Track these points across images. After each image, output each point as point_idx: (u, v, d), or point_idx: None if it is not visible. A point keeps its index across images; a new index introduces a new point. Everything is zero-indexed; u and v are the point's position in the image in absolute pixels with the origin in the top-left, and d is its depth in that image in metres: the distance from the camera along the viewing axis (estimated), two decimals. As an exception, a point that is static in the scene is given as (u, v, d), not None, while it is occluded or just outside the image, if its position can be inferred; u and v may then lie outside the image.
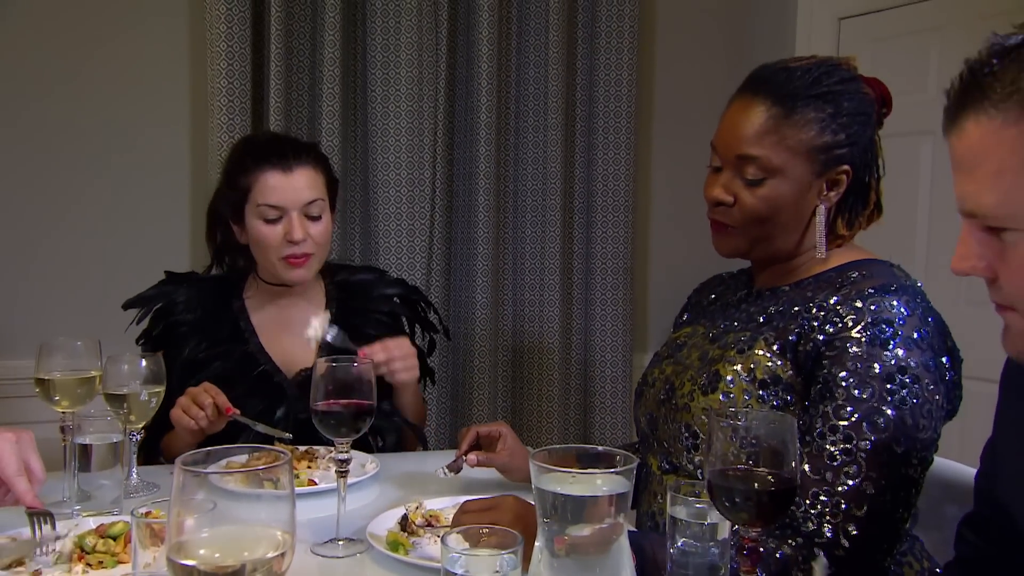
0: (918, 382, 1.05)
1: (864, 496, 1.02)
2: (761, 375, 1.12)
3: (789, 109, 1.14)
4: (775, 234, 1.20)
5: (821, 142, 1.15)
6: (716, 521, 0.86)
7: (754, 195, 1.17)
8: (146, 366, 1.34)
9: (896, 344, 1.05)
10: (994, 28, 2.61)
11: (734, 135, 1.17)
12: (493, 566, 0.76)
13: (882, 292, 1.09)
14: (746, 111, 1.16)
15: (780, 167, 1.15)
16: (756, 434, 0.80)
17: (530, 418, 2.69)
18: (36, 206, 2.27)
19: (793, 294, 1.19)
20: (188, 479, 0.65)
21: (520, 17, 2.63)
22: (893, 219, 2.47)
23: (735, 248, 1.23)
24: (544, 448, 0.74)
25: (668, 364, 1.30)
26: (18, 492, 1.06)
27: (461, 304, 2.63)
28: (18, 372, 1.88)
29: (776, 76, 1.17)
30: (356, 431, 1.16)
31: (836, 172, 1.17)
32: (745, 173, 1.16)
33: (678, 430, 1.19)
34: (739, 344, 1.17)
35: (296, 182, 1.56)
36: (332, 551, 1.14)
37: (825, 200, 1.18)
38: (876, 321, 1.06)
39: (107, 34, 2.32)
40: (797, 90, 1.15)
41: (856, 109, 1.17)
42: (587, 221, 2.72)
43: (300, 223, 1.56)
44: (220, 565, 0.63)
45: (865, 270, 1.16)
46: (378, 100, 2.51)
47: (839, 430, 1.04)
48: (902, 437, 1.04)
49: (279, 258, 1.58)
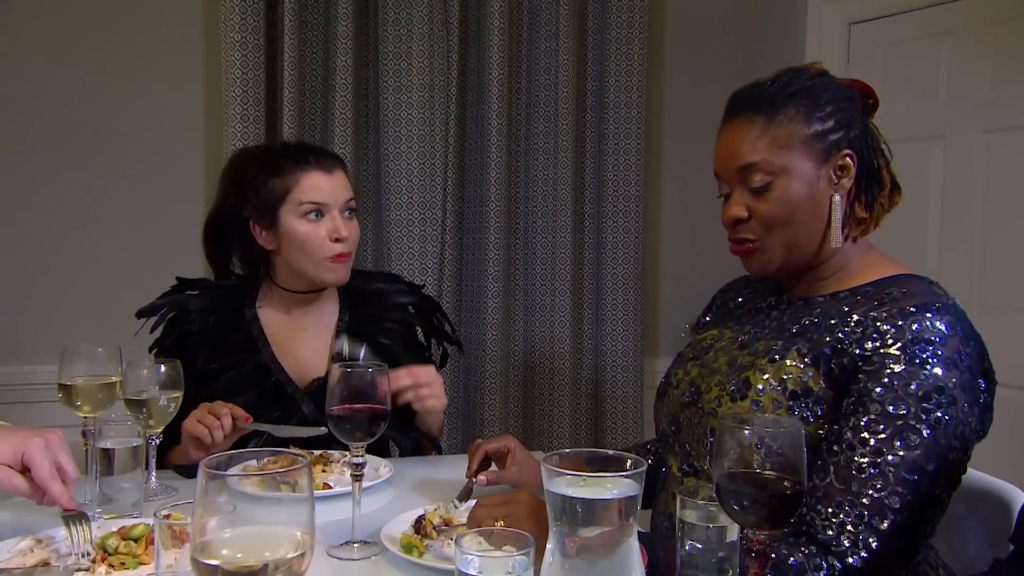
0: (954, 403, 1.04)
1: (888, 510, 1.02)
2: (793, 386, 1.12)
3: (771, 113, 1.17)
4: (799, 236, 1.19)
5: (812, 131, 1.17)
6: (725, 524, 0.87)
7: (767, 201, 1.17)
8: (165, 371, 1.36)
9: (935, 364, 1.05)
10: (1005, 33, 2.62)
11: (729, 154, 1.20)
12: (506, 567, 0.78)
13: (924, 311, 1.08)
14: (733, 131, 1.20)
15: (782, 166, 1.16)
16: (764, 438, 0.81)
17: (541, 423, 2.71)
18: (53, 214, 2.31)
19: (828, 306, 1.18)
20: (211, 482, 0.67)
21: (531, 24, 2.65)
22: (904, 223, 2.48)
23: (767, 264, 1.22)
24: (555, 452, 0.75)
25: (693, 366, 1.29)
26: (54, 495, 1.08)
27: (473, 310, 2.65)
28: (40, 378, 1.92)
29: (749, 92, 1.21)
30: (371, 435, 1.17)
31: (839, 157, 1.18)
32: (751, 183, 1.18)
33: (703, 434, 1.19)
34: (771, 353, 1.16)
35: (336, 181, 1.61)
36: (347, 553, 1.16)
37: (838, 188, 1.18)
38: (917, 340, 1.06)
39: (122, 43, 2.35)
40: (772, 95, 1.18)
41: (835, 96, 1.19)
42: (597, 227, 2.73)
43: (343, 221, 1.60)
44: (243, 564, 0.65)
45: (905, 287, 1.15)
46: (390, 107, 2.54)
47: (869, 443, 1.03)
48: (934, 456, 1.03)
49: (324, 257, 1.59)
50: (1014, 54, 2.24)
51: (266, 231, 1.62)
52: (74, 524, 1.08)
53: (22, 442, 1.08)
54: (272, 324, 1.67)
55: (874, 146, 1.21)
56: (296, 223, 1.59)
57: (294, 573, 0.66)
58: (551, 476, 0.73)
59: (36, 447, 1.08)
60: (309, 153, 1.63)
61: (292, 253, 1.61)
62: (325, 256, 1.59)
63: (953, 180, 2.38)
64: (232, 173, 1.68)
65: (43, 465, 1.07)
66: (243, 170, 1.66)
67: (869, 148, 1.20)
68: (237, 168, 1.68)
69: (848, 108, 1.19)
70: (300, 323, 1.68)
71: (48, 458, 1.09)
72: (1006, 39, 2.26)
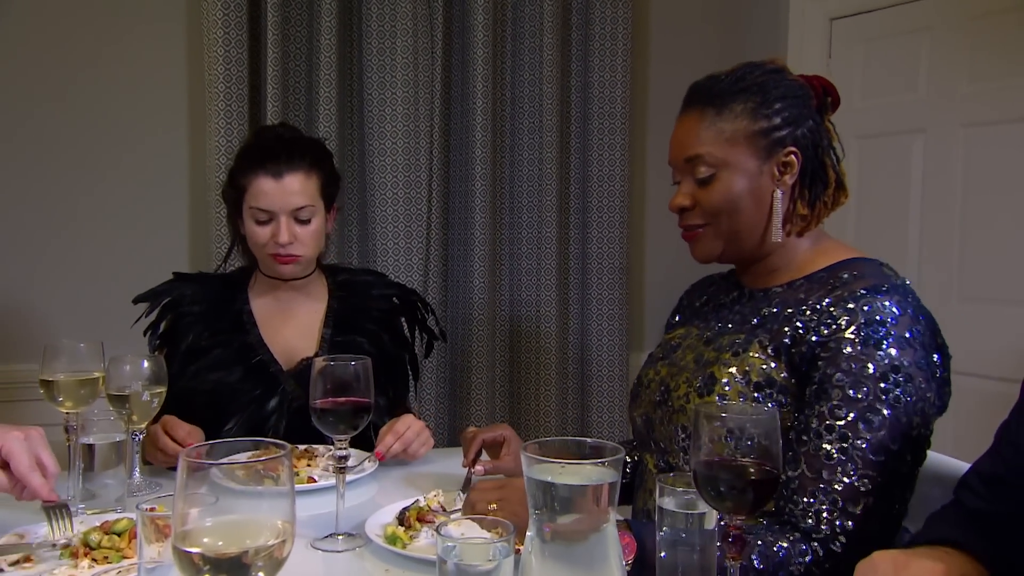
0: (911, 381, 1.07)
1: (860, 493, 1.04)
2: (756, 377, 1.14)
3: (720, 106, 1.21)
4: (741, 228, 1.22)
5: (757, 127, 1.20)
6: (703, 511, 0.88)
7: (710, 191, 1.22)
8: (148, 367, 1.37)
9: (889, 344, 1.07)
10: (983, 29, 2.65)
11: (679, 144, 1.25)
12: (487, 555, 0.79)
13: (874, 292, 1.11)
14: (685, 122, 1.25)
15: (725, 159, 1.20)
16: (740, 426, 0.83)
17: (528, 417, 2.72)
18: (37, 212, 2.30)
19: (786, 295, 1.21)
20: (192, 472, 0.67)
21: (515, 19, 2.66)
22: (886, 216, 2.51)
23: (710, 251, 1.26)
24: (536, 440, 0.76)
25: (663, 365, 1.32)
26: (34, 487, 1.08)
27: (458, 304, 2.66)
28: (25, 376, 1.90)
29: (704, 85, 1.25)
30: (354, 428, 1.18)
31: (783, 154, 1.20)
32: (697, 174, 1.22)
33: (674, 432, 1.21)
34: (734, 347, 1.19)
35: (286, 188, 1.61)
36: (332, 545, 1.16)
37: (780, 185, 1.21)
38: (869, 321, 1.09)
39: (104, 40, 2.34)
40: (722, 89, 1.22)
41: (785, 94, 1.21)
42: (583, 221, 2.74)
43: (288, 226, 1.62)
44: (224, 552, 0.66)
45: (856, 270, 1.17)
46: (374, 103, 2.54)
47: (835, 429, 1.06)
48: (897, 435, 1.06)
49: (267, 255, 1.65)
50: (992, 49, 2.26)
51: (240, 220, 1.69)
52: (55, 514, 1.09)
53: (1, 436, 1.09)
54: (261, 307, 1.72)
55: (823, 144, 1.24)
56: (248, 222, 1.65)
57: (275, 560, 0.67)
58: (530, 463, 0.74)
59: (15, 440, 1.09)
60: (266, 156, 1.63)
61: (251, 247, 1.69)
62: (268, 253, 1.64)
63: (933, 174, 2.40)
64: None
65: (22, 458, 1.08)
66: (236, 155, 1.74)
67: (817, 146, 1.23)
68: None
69: (798, 106, 1.22)
70: (289, 308, 1.73)
71: (27, 451, 1.09)
72: (985, 34, 2.28)
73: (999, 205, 2.25)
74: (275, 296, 1.73)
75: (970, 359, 2.38)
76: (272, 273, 1.70)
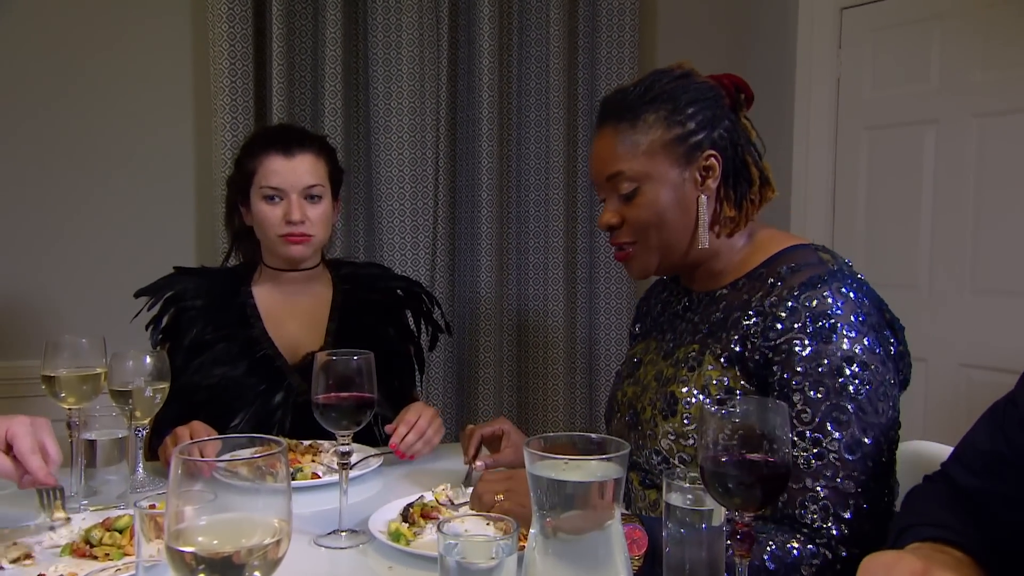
0: (867, 368, 1.06)
1: (847, 495, 1.03)
2: (716, 391, 1.13)
3: (632, 120, 1.19)
4: (671, 239, 1.21)
5: (672, 135, 1.18)
6: (711, 507, 0.87)
7: (635, 207, 1.19)
8: (151, 363, 1.36)
9: (838, 336, 1.06)
10: (995, 16, 2.61)
11: (598, 162, 1.23)
12: (489, 552, 0.77)
13: (812, 286, 1.09)
14: (601, 140, 1.23)
15: (646, 172, 1.18)
16: (748, 420, 0.81)
17: (535, 411, 2.71)
18: (41, 208, 2.30)
19: (731, 297, 1.19)
20: (186, 470, 0.66)
21: (521, 12, 2.64)
22: (897, 208, 2.48)
23: (645, 267, 1.24)
24: (539, 436, 0.75)
25: (629, 385, 1.31)
26: (32, 468, 1.08)
27: (465, 298, 2.64)
28: (28, 372, 1.90)
29: (613, 100, 1.24)
30: (357, 423, 1.17)
31: (703, 159, 1.18)
32: (620, 190, 1.20)
33: (649, 456, 1.19)
34: (689, 361, 1.18)
35: (297, 167, 1.63)
36: (335, 542, 1.15)
37: (704, 189, 1.19)
38: (815, 317, 1.07)
39: (109, 36, 2.34)
40: (632, 102, 1.20)
41: (695, 97, 1.19)
42: (590, 215, 2.72)
43: (299, 205, 1.62)
44: (218, 551, 0.64)
45: (792, 261, 1.16)
46: (380, 97, 2.53)
47: (806, 436, 1.05)
48: (868, 427, 1.05)
49: (278, 235, 1.64)
50: (1005, 38, 2.23)
51: (245, 209, 1.69)
52: (47, 496, 1.11)
53: (7, 421, 1.10)
54: (265, 301, 1.71)
55: (742, 143, 1.22)
56: (258, 204, 1.65)
57: (270, 560, 0.66)
58: (533, 460, 0.72)
59: (20, 425, 1.09)
60: (277, 137, 1.68)
61: (258, 231, 1.68)
62: (278, 234, 1.64)
63: (945, 165, 2.37)
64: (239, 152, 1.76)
65: (25, 440, 1.08)
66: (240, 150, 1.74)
67: (736, 145, 1.21)
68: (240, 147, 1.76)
69: (711, 107, 1.20)
70: (294, 301, 1.72)
71: (31, 435, 1.09)
72: (997, 23, 2.25)
73: (1012, 197, 2.22)
74: (279, 289, 1.72)
75: (982, 351, 2.37)
76: (283, 256, 1.67)
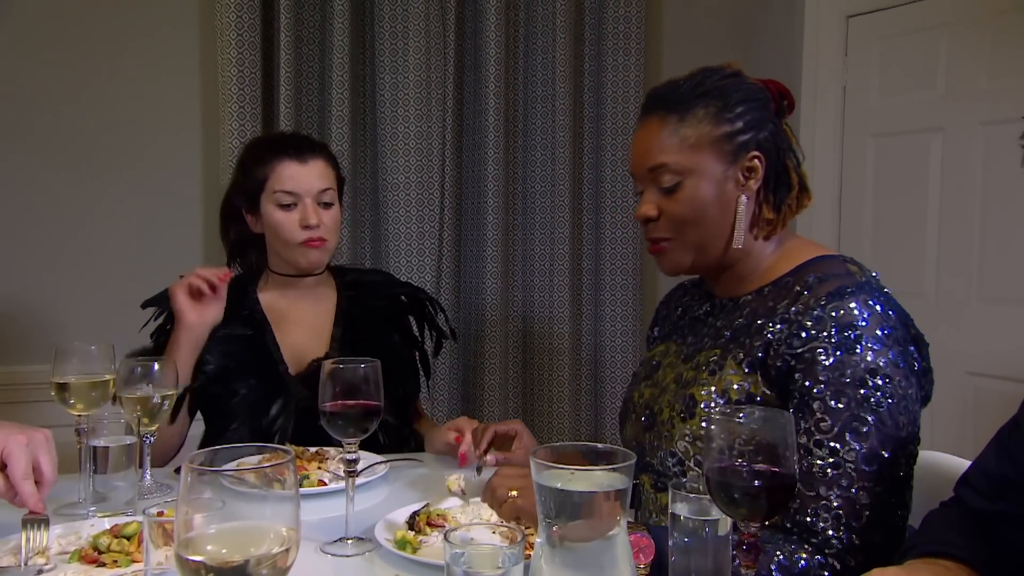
0: (891, 381, 1.05)
1: (860, 505, 1.03)
2: (736, 396, 1.12)
3: (681, 113, 1.19)
4: (708, 236, 1.20)
5: (720, 132, 1.17)
6: (717, 517, 0.87)
7: (675, 201, 1.19)
8: (159, 370, 1.36)
9: (863, 347, 1.05)
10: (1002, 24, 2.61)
11: (641, 153, 1.22)
12: (496, 561, 0.78)
13: (839, 296, 1.09)
14: (646, 129, 1.22)
15: (690, 166, 1.17)
16: (754, 430, 0.81)
17: (541, 419, 2.71)
18: (49, 214, 2.31)
19: (755, 304, 1.19)
20: (196, 478, 0.67)
21: (527, 18, 2.65)
22: (903, 216, 2.48)
23: (678, 263, 1.24)
24: (546, 445, 0.75)
25: (646, 387, 1.30)
26: (23, 496, 1.06)
27: (471, 305, 2.65)
28: (36, 377, 1.91)
29: (663, 91, 1.24)
30: (364, 431, 1.17)
31: (747, 159, 1.18)
32: (662, 183, 1.19)
33: (664, 457, 1.19)
34: (710, 365, 1.17)
35: (310, 172, 1.66)
36: (341, 550, 1.15)
37: (745, 190, 1.19)
38: (840, 327, 1.06)
39: (118, 42, 2.35)
40: (683, 95, 1.20)
41: (745, 97, 1.19)
42: (596, 221, 2.73)
43: (314, 209, 1.64)
44: (227, 560, 0.65)
45: (820, 271, 1.15)
46: (387, 104, 2.54)
47: (824, 444, 1.04)
48: (887, 440, 1.04)
49: (297, 242, 1.65)
50: (1012, 45, 2.23)
51: (253, 217, 1.70)
52: (32, 528, 1.06)
53: (4, 438, 1.08)
54: (272, 308, 1.72)
55: (784, 147, 1.22)
56: (272, 210, 1.66)
57: (279, 569, 0.66)
58: (540, 469, 0.73)
59: (16, 444, 1.07)
60: (288, 143, 1.69)
61: (272, 238, 1.69)
62: (297, 241, 1.65)
63: (952, 173, 2.37)
64: (240, 158, 1.78)
65: (19, 463, 1.06)
66: (242, 156, 1.76)
67: (779, 150, 1.21)
68: (242, 154, 1.78)
69: (759, 109, 1.20)
70: (299, 307, 1.73)
71: (26, 456, 1.07)
72: (1004, 30, 2.25)
73: (1019, 204, 2.22)
74: (285, 296, 1.72)
75: (989, 360, 2.36)
76: (301, 261, 1.67)
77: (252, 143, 1.82)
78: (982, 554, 0.89)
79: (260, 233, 1.71)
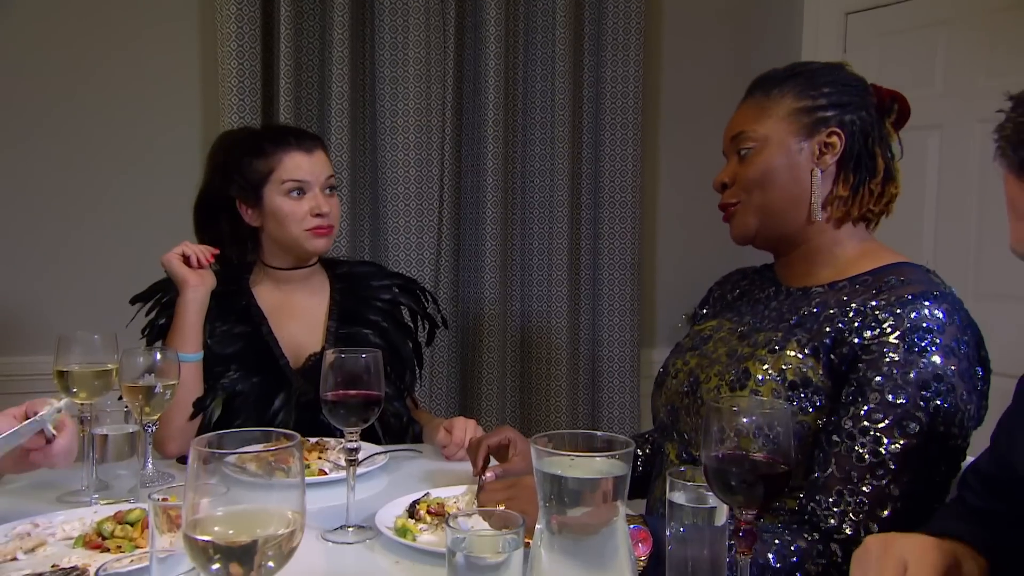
0: (953, 391, 1.05)
1: (889, 498, 1.03)
2: (792, 376, 1.12)
3: (768, 89, 1.25)
4: (775, 203, 1.22)
5: (800, 105, 1.21)
6: (714, 505, 0.88)
7: (747, 165, 1.23)
8: (161, 359, 1.37)
9: (934, 352, 1.05)
10: (1000, 22, 2.62)
11: (730, 127, 1.28)
12: (496, 547, 0.79)
13: (921, 299, 1.09)
14: (740, 109, 1.29)
15: (764, 134, 1.22)
16: (752, 420, 0.82)
17: (538, 413, 2.72)
18: (50, 208, 2.31)
19: (827, 296, 1.19)
20: (203, 463, 0.68)
21: (527, 15, 2.65)
22: (901, 212, 2.48)
23: (745, 228, 1.26)
24: (546, 433, 0.76)
25: (692, 356, 1.30)
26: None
27: (470, 300, 2.66)
28: (40, 368, 1.92)
29: (761, 76, 1.29)
30: (365, 420, 1.18)
31: (825, 134, 1.20)
32: (739, 149, 1.25)
33: (697, 423, 1.19)
34: (770, 344, 1.17)
35: (316, 161, 1.70)
36: (342, 537, 1.17)
37: (820, 164, 1.21)
38: (915, 328, 1.06)
39: (118, 38, 2.35)
40: (777, 76, 1.26)
41: (835, 80, 1.23)
42: (594, 217, 2.74)
43: (324, 197, 1.68)
44: (234, 540, 0.66)
45: (903, 275, 1.15)
46: (387, 98, 2.54)
47: (869, 432, 1.04)
48: (933, 444, 1.04)
49: (305, 230, 1.67)
50: (1010, 43, 2.24)
51: (252, 209, 1.70)
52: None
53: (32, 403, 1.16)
54: (266, 301, 1.72)
55: (875, 136, 1.22)
56: (280, 201, 1.67)
57: (285, 550, 0.67)
58: (540, 456, 0.74)
59: (41, 403, 1.15)
60: (290, 135, 1.71)
61: (276, 229, 1.69)
62: (306, 228, 1.67)
63: (949, 170, 2.39)
64: (217, 155, 1.75)
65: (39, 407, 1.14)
66: (228, 152, 1.73)
67: (867, 136, 1.22)
68: (222, 150, 1.75)
69: (851, 94, 1.22)
70: (293, 300, 1.73)
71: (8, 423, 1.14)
72: (1002, 28, 2.26)
73: (1016, 201, 2.23)
74: (279, 289, 1.73)
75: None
76: (308, 248, 1.69)
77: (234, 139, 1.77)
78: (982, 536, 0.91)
79: (254, 226, 1.71)
